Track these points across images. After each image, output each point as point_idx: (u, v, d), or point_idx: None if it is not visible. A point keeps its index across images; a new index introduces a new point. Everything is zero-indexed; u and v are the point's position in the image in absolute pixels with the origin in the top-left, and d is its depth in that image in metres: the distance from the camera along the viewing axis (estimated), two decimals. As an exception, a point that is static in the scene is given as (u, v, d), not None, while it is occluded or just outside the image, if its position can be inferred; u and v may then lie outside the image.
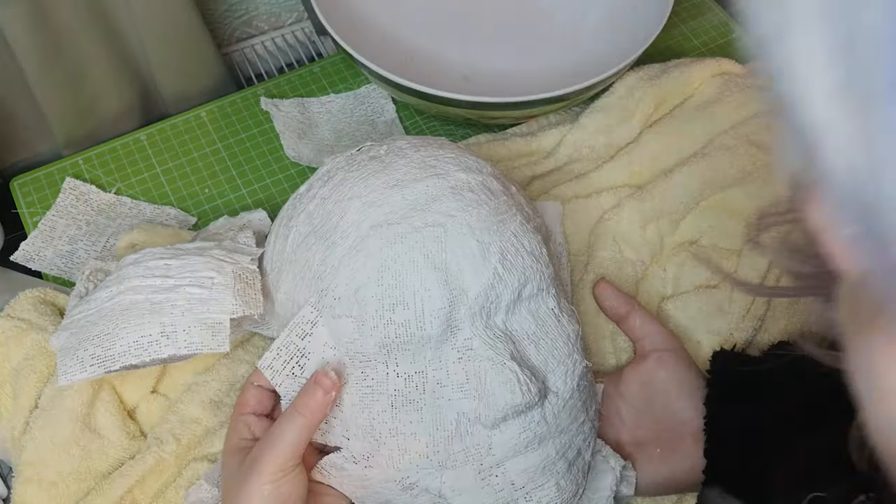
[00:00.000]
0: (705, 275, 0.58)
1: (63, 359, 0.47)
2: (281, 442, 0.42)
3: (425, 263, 0.44)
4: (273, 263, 0.50)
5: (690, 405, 0.49)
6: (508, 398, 0.44)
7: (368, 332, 0.45)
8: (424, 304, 0.44)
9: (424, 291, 0.44)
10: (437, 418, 0.45)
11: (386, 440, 0.45)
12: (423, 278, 0.44)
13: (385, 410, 0.45)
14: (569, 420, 0.46)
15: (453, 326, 0.45)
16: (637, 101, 0.65)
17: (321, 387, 0.43)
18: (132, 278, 0.48)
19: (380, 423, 0.45)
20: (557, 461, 0.46)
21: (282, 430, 0.43)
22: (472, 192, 0.47)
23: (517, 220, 0.48)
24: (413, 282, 0.44)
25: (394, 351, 0.44)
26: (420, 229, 0.45)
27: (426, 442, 0.44)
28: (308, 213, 0.49)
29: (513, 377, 0.44)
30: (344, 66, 0.74)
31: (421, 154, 0.49)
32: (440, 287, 0.44)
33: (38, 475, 0.49)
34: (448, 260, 0.45)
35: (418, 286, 0.44)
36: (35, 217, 0.64)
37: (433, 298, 0.44)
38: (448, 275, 0.44)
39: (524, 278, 0.46)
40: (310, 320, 0.46)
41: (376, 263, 0.45)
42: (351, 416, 0.45)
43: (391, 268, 0.44)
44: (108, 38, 0.65)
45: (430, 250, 0.45)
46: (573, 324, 0.49)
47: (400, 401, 0.45)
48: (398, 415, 0.44)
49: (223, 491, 0.46)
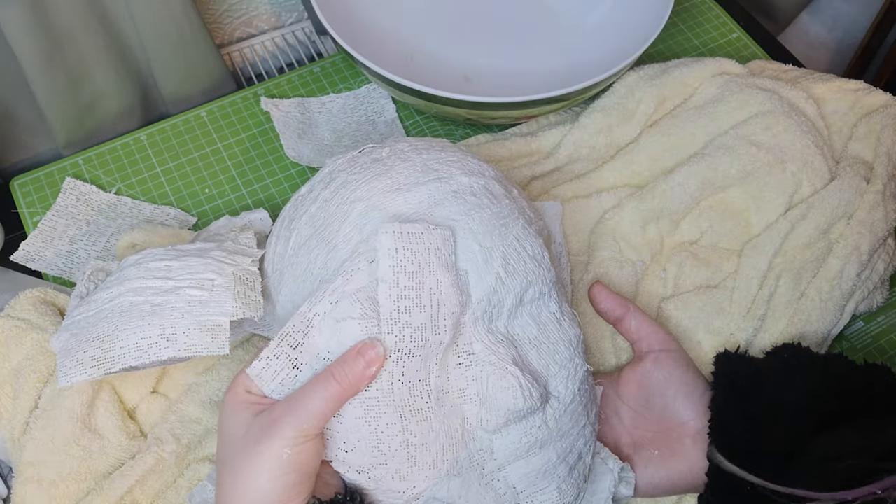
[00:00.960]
0: (705, 274, 0.58)
1: (63, 360, 0.47)
2: (309, 406, 0.39)
3: (440, 264, 0.43)
4: (274, 265, 0.50)
5: (688, 406, 0.49)
6: (510, 403, 0.44)
7: (381, 335, 0.42)
8: (441, 306, 0.43)
9: (441, 294, 0.43)
10: (445, 426, 0.44)
11: (395, 453, 0.43)
12: (439, 280, 0.43)
13: (394, 423, 0.42)
14: (570, 424, 0.46)
15: (456, 331, 0.44)
16: (637, 101, 0.65)
17: (364, 357, 0.40)
18: (132, 280, 0.48)
19: (388, 437, 0.43)
20: (559, 465, 0.46)
21: (312, 394, 0.40)
22: (475, 195, 0.47)
23: (519, 223, 0.47)
24: (430, 283, 0.43)
25: (403, 357, 0.42)
26: (432, 230, 0.44)
27: (436, 451, 0.43)
28: (310, 215, 0.48)
29: (515, 382, 0.44)
30: (344, 66, 0.74)
31: (423, 157, 0.48)
32: (454, 289, 0.43)
33: (38, 475, 0.49)
34: (457, 263, 0.44)
35: (434, 288, 0.43)
36: (35, 217, 0.64)
37: (448, 301, 0.43)
38: (458, 277, 0.44)
39: (526, 283, 0.46)
40: (301, 329, 0.43)
41: (391, 263, 0.42)
42: (353, 429, 0.43)
43: (407, 268, 0.42)
44: (108, 38, 0.65)
45: (443, 252, 0.44)
46: (574, 328, 0.49)
47: (408, 411, 0.43)
48: (408, 426, 0.43)
49: (221, 444, 0.43)
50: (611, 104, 0.65)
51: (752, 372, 0.49)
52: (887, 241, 0.60)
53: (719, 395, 0.49)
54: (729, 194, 0.60)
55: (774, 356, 0.51)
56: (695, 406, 0.49)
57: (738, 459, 0.46)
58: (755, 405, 0.48)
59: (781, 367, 0.49)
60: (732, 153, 0.61)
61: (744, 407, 0.47)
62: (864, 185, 0.60)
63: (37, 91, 0.65)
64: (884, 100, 0.64)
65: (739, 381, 0.49)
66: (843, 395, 0.47)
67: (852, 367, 0.48)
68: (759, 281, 0.57)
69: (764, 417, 0.47)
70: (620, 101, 0.65)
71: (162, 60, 0.69)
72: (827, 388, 0.47)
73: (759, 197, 0.60)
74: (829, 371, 0.48)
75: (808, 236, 0.58)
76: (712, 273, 0.58)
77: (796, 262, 0.58)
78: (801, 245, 0.58)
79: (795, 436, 0.46)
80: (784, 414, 0.47)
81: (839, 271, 0.57)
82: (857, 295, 0.58)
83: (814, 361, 0.49)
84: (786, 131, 0.61)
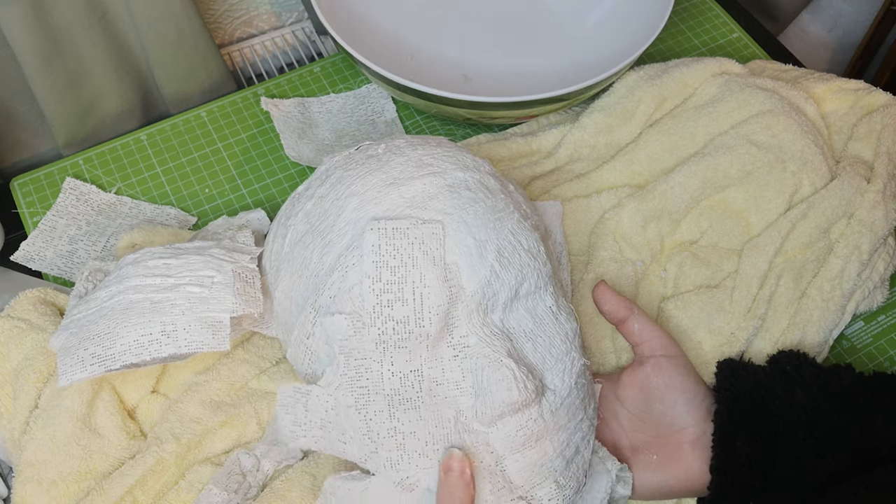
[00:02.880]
0: (706, 274, 0.58)
1: (63, 358, 0.47)
2: None
3: (424, 259, 0.44)
4: (271, 262, 0.50)
5: (688, 413, 0.49)
6: (505, 396, 0.44)
7: (365, 328, 0.44)
8: (424, 300, 0.44)
9: (424, 288, 0.44)
10: (435, 415, 0.44)
11: (384, 441, 0.44)
12: (423, 274, 0.44)
13: (382, 410, 0.44)
14: (567, 418, 0.46)
15: (450, 324, 0.45)
16: (637, 100, 0.65)
17: (453, 471, 0.43)
18: (132, 278, 0.48)
19: (377, 424, 0.44)
20: (555, 459, 0.46)
21: None
22: (469, 189, 0.47)
23: (514, 217, 0.48)
24: (412, 278, 0.44)
25: (390, 349, 0.44)
26: (418, 225, 0.45)
27: (425, 440, 0.44)
28: (306, 212, 0.49)
29: (509, 374, 0.44)
30: (344, 66, 0.74)
31: (418, 152, 0.49)
32: (439, 283, 0.44)
33: (38, 475, 0.49)
34: (446, 257, 0.45)
35: (417, 282, 0.44)
36: (35, 217, 0.64)
37: (433, 295, 0.44)
38: (447, 271, 0.44)
39: (521, 276, 0.46)
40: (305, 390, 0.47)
41: (374, 259, 0.44)
42: (347, 419, 0.45)
43: (389, 263, 0.44)
44: (108, 38, 0.65)
45: (429, 247, 0.45)
46: (571, 321, 0.49)
47: (397, 400, 0.44)
48: (395, 413, 0.44)
49: None
50: (611, 104, 0.65)
51: (755, 385, 0.49)
52: (887, 241, 0.60)
53: (722, 408, 0.48)
54: (729, 194, 0.60)
55: (777, 365, 0.50)
56: (694, 413, 0.49)
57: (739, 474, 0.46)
58: (758, 421, 0.47)
59: (784, 380, 0.49)
60: (733, 153, 0.61)
61: (747, 422, 0.47)
62: (865, 184, 0.60)
63: (37, 91, 0.65)
64: (884, 100, 0.64)
65: (742, 394, 0.48)
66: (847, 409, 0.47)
67: (858, 378, 0.48)
68: (760, 280, 0.57)
69: (766, 433, 0.47)
70: (620, 100, 0.65)
71: (162, 60, 0.69)
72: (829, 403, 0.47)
73: (760, 197, 0.60)
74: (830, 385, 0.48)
75: (809, 236, 0.58)
76: (712, 273, 0.58)
77: (797, 261, 0.58)
78: (802, 245, 0.58)
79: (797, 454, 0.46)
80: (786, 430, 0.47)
81: (840, 271, 0.57)
82: (858, 294, 0.58)
83: (816, 375, 0.49)
84: (786, 131, 0.61)
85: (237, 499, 0.48)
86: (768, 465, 0.46)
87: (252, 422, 0.52)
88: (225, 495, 0.49)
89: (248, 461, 0.50)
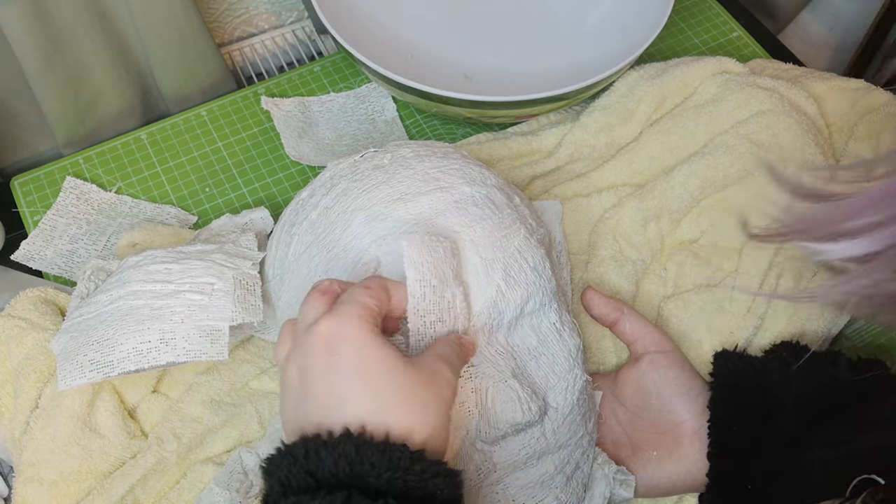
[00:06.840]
0: (706, 273, 0.58)
1: (63, 363, 0.47)
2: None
3: (453, 277, 0.43)
4: (275, 270, 0.50)
5: (685, 407, 0.49)
6: (510, 416, 0.44)
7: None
8: (456, 320, 0.42)
9: (456, 308, 0.42)
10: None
11: None
12: (454, 293, 0.43)
13: None
14: (568, 435, 0.46)
15: None
16: (638, 100, 0.65)
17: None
18: (132, 282, 0.48)
19: None
20: (556, 476, 0.45)
21: None
22: (477, 206, 0.47)
23: (521, 234, 0.47)
24: (448, 296, 0.42)
25: None
26: (443, 241, 0.43)
27: None
28: (311, 221, 0.48)
29: (514, 395, 0.44)
30: (344, 65, 0.74)
31: (425, 165, 0.48)
32: (464, 302, 0.43)
33: (38, 475, 0.49)
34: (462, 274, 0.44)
35: (451, 300, 0.42)
36: (36, 216, 0.64)
37: (462, 315, 0.43)
38: (465, 289, 0.44)
39: (527, 294, 0.46)
40: None
41: (417, 277, 0.41)
42: None
43: (431, 282, 0.42)
44: (108, 38, 0.65)
45: (454, 264, 0.43)
46: (574, 337, 0.49)
47: None
48: None
49: None
50: (611, 103, 0.65)
51: (751, 372, 0.49)
52: (888, 240, 0.60)
53: (718, 395, 0.49)
54: (729, 193, 0.60)
55: (773, 355, 0.51)
56: (691, 406, 0.49)
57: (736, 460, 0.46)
58: (753, 407, 0.48)
59: (779, 366, 0.49)
60: (733, 152, 0.61)
61: (742, 408, 0.47)
62: (865, 183, 0.60)
63: (37, 91, 0.64)
64: (884, 99, 0.64)
65: (738, 381, 0.49)
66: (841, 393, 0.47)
67: (850, 365, 0.49)
68: (760, 280, 0.57)
69: (762, 419, 0.47)
70: (621, 100, 0.65)
71: (162, 60, 0.68)
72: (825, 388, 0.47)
73: (760, 196, 0.60)
74: (827, 371, 0.48)
75: (809, 235, 0.58)
76: (713, 272, 0.58)
77: (797, 260, 0.58)
78: (802, 244, 0.58)
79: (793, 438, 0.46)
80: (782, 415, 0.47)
81: (840, 270, 0.57)
82: (858, 294, 0.58)
83: (812, 361, 0.49)
84: (786, 130, 0.61)
85: (239, 498, 0.49)
86: (765, 448, 0.46)
87: (253, 421, 0.52)
88: (227, 494, 0.49)
89: (250, 460, 0.50)
